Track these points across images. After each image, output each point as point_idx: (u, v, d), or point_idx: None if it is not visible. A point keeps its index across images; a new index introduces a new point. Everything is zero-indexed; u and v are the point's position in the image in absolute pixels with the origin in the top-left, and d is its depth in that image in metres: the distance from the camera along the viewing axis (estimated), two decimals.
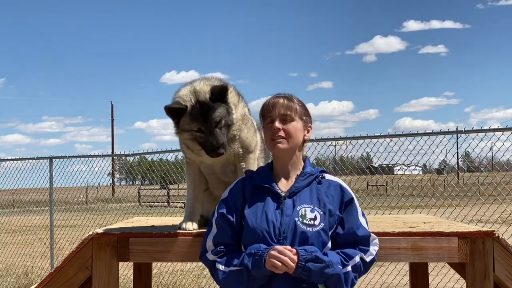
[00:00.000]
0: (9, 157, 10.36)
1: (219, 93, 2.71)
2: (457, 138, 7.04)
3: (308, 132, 2.54)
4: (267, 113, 2.50)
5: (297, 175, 2.49)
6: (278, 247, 2.28)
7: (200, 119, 2.67)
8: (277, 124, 2.45)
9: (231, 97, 2.80)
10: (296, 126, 2.46)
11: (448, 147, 6.83)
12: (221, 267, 2.40)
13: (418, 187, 9.92)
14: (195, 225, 2.86)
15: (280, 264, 2.25)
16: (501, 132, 6.06)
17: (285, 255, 2.25)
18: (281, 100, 2.48)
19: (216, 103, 2.70)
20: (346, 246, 2.39)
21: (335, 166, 8.92)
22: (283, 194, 2.42)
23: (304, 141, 2.54)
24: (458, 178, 12.70)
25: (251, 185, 2.49)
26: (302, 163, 2.54)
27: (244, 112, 2.91)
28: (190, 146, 2.82)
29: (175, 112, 2.72)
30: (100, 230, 2.83)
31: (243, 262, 2.33)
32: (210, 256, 2.46)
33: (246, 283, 2.34)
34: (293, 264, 2.25)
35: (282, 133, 2.44)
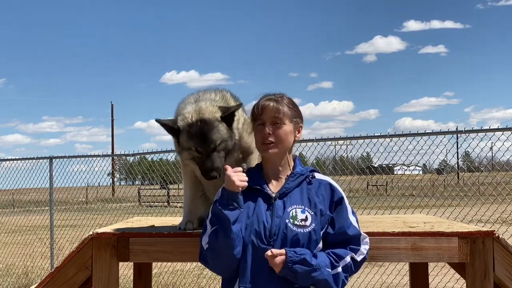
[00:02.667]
0: (9, 157, 10.36)
1: (227, 116, 2.63)
2: (457, 138, 7.04)
3: (298, 132, 2.53)
4: (257, 117, 2.49)
5: (287, 175, 2.48)
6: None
7: (199, 139, 2.59)
8: (267, 129, 2.44)
9: (237, 118, 2.72)
10: (286, 130, 2.45)
11: (448, 147, 6.83)
12: (204, 244, 2.39)
13: (418, 187, 9.92)
14: (195, 225, 2.86)
15: (237, 176, 2.30)
16: (501, 132, 6.05)
17: (237, 171, 2.33)
18: (271, 104, 2.47)
19: (221, 124, 2.62)
20: (336, 245, 2.38)
21: (335, 166, 8.92)
22: (273, 195, 2.41)
23: (295, 141, 2.54)
24: (458, 178, 12.69)
25: None
26: (292, 163, 2.53)
27: (244, 118, 2.87)
28: (191, 165, 2.77)
29: (169, 130, 2.68)
30: (100, 230, 2.83)
31: (211, 212, 2.37)
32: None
33: (220, 230, 2.31)
34: (277, 261, 2.24)
35: (272, 138, 2.44)
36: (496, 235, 2.63)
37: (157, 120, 2.66)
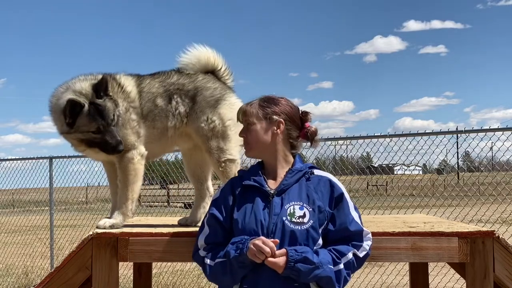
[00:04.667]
0: (9, 157, 10.35)
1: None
2: (457, 138, 7.04)
3: (277, 128, 2.48)
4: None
5: (286, 172, 2.48)
6: (263, 237, 2.28)
7: (98, 118, 2.84)
8: (241, 133, 2.54)
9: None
10: (255, 129, 2.48)
11: (448, 147, 6.82)
12: (208, 261, 2.41)
13: (418, 187, 9.93)
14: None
15: (260, 252, 2.24)
16: (501, 132, 6.05)
17: (268, 246, 2.24)
18: (240, 108, 2.56)
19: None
20: (338, 242, 2.37)
21: (335, 166, 8.92)
22: (271, 192, 2.41)
23: (289, 137, 2.51)
24: (458, 178, 12.68)
25: (241, 184, 2.47)
26: (292, 159, 2.52)
27: (124, 105, 3.03)
28: (77, 147, 3.05)
29: (77, 109, 2.86)
30: (100, 230, 2.83)
31: (227, 251, 2.34)
32: (202, 253, 2.47)
33: (229, 273, 2.33)
34: (280, 263, 2.24)
35: (245, 141, 2.51)
36: (496, 235, 2.63)
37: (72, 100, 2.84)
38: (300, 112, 2.58)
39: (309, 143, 2.60)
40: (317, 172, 2.49)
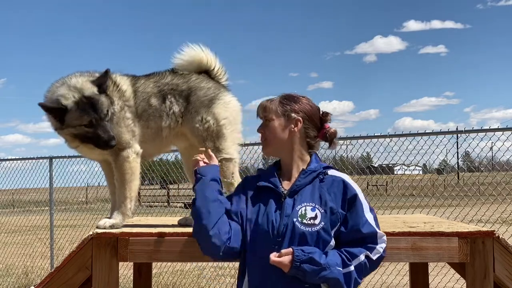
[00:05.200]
0: (9, 157, 10.35)
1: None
2: (457, 138, 7.04)
3: (295, 126, 2.47)
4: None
5: (300, 172, 2.47)
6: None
7: (91, 111, 2.82)
8: (258, 128, 2.54)
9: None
10: (273, 125, 2.48)
11: (448, 147, 6.81)
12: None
13: (418, 187, 9.91)
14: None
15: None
16: (501, 132, 6.05)
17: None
18: (261, 103, 2.55)
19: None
20: (351, 244, 2.33)
21: (335, 166, 8.91)
22: (284, 193, 2.40)
23: (306, 136, 2.50)
24: (458, 178, 12.68)
25: (256, 184, 2.48)
26: (308, 159, 2.51)
27: (119, 104, 3.03)
28: (71, 143, 3.01)
29: (56, 111, 2.85)
30: (100, 230, 2.83)
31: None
32: None
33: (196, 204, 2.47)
34: (285, 261, 2.24)
35: (263, 137, 2.51)
36: (496, 235, 2.63)
37: (40, 104, 2.87)
38: (321, 112, 2.57)
39: (327, 144, 2.60)
40: (331, 172, 2.47)
